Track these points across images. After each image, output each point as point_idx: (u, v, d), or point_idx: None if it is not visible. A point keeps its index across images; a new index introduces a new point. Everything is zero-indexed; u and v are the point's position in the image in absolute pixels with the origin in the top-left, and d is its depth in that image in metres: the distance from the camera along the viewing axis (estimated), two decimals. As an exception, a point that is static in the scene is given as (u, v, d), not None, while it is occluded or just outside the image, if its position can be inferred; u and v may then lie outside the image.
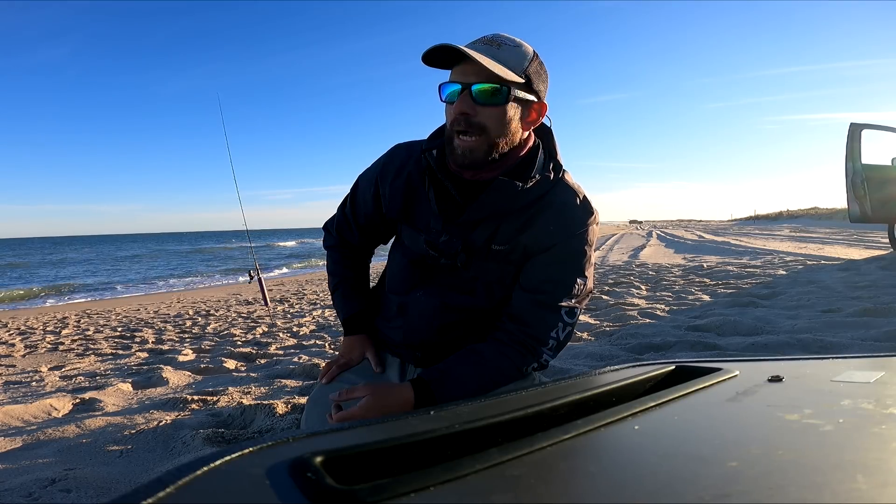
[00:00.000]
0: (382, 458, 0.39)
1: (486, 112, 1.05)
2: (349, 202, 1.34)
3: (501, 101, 1.04)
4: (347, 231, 1.36)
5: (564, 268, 1.13)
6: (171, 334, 4.84)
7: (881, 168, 6.89)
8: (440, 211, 1.15)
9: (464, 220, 1.13)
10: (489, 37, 1.07)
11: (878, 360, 0.75)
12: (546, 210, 1.13)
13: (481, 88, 1.03)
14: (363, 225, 1.33)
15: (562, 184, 1.15)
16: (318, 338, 4.07)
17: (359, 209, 1.32)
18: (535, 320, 1.12)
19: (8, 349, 4.53)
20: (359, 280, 1.39)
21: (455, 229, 1.15)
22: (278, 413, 2.05)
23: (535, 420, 0.48)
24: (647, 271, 7.17)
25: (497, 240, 1.14)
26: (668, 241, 17.12)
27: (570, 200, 1.14)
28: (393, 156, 1.25)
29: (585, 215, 1.15)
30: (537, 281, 1.14)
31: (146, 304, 8.45)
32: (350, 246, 1.39)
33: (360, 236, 1.35)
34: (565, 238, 1.13)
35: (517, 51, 1.06)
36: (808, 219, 32.89)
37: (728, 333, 2.99)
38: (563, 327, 1.14)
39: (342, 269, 1.38)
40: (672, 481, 0.35)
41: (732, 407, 0.53)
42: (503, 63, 1.03)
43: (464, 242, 1.15)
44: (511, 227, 1.13)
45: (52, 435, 1.96)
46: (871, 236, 11.94)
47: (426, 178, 1.17)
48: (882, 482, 0.33)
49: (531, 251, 1.14)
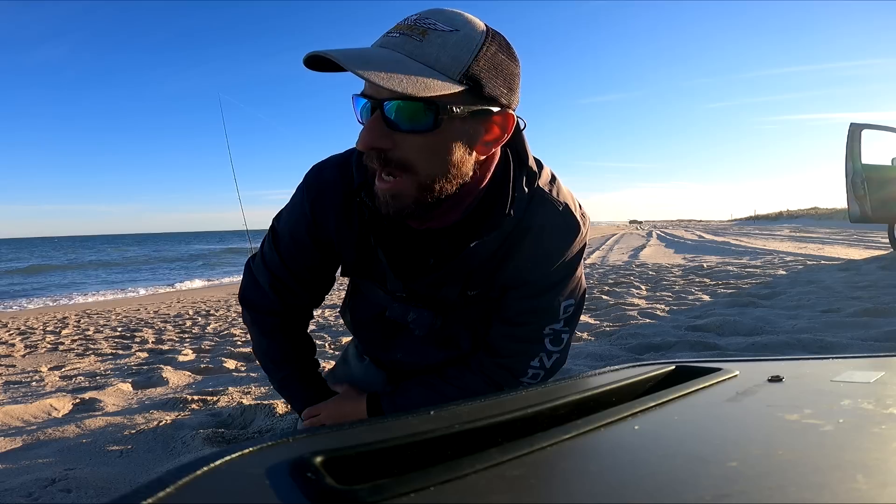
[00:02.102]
0: (382, 458, 0.39)
1: (409, 142, 0.73)
2: (278, 258, 1.02)
3: (429, 127, 0.71)
4: (289, 294, 1.04)
5: (548, 297, 0.96)
6: (171, 334, 4.84)
7: (881, 168, 6.88)
8: (396, 273, 0.93)
9: (430, 281, 0.94)
10: (414, 19, 0.73)
11: (878, 360, 0.75)
12: (521, 241, 0.91)
13: (398, 108, 0.70)
14: (308, 280, 1.04)
15: (536, 200, 0.90)
16: (318, 338, 4.06)
17: (295, 264, 1.01)
18: (512, 352, 1.00)
19: (8, 349, 4.52)
20: (312, 365, 1.15)
21: (422, 287, 0.96)
22: (278, 413, 2.05)
23: (535, 420, 0.48)
24: (647, 271, 7.17)
25: (471, 286, 0.96)
26: (668, 241, 17.11)
27: (548, 221, 0.91)
28: (321, 188, 0.94)
29: (570, 235, 0.93)
30: (514, 312, 0.98)
31: (146, 304, 8.45)
32: (294, 311, 1.09)
33: (309, 294, 1.07)
34: (547, 270, 0.93)
35: (453, 38, 0.71)
36: (808, 219, 32.89)
37: (728, 333, 2.99)
38: (547, 356, 1.00)
39: (292, 355, 1.11)
40: (672, 481, 0.35)
41: (732, 407, 0.53)
42: (429, 65, 0.69)
43: (435, 306, 0.98)
44: (484, 271, 0.94)
45: (52, 435, 1.96)
46: (871, 236, 11.94)
47: (370, 233, 0.91)
48: (882, 482, 0.33)
49: (508, 286, 0.97)
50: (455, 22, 0.73)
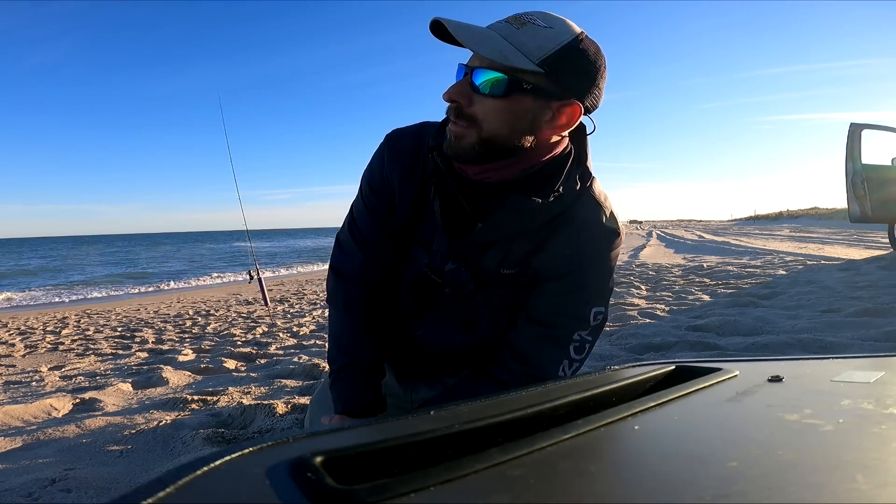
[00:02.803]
0: (382, 458, 0.39)
1: (482, 103, 0.87)
2: (363, 205, 1.07)
3: (501, 93, 0.85)
4: (375, 248, 1.07)
5: (579, 298, 0.97)
6: (171, 334, 4.84)
7: (881, 168, 6.88)
8: (446, 227, 0.98)
9: (472, 240, 0.97)
10: (522, 13, 0.88)
11: (878, 360, 0.75)
12: (562, 229, 0.96)
13: (481, 74, 0.86)
14: (386, 226, 1.06)
15: (586, 196, 0.97)
16: (318, 338, 4.06)
17: (377, 212, 1.06)
18: (542, 358, 0.98)
19: (8, 349, 4.52)
20: (373, 367, 1.08)
21: (462, 250, 0.99)
22: (278, 413, 2.05)
23: (535, 420, 0.48)
24: (647, 271, 7.17)
25: (507, 263, 0.98)
26: (668, 241, 17.11)
27: (592, 218, 0.96)
28: (399, 146, 1.04)
29: (609, 236, 0.97)
30: (546, 312, 0.98)
31: (146, 304, 8.45)
32: (377, 283, 1.08)
33: (392, 243, 1.07)
34: (583, 265, 0.96)
35: (543, 33, 0.84)
36: (808, 219, 32.89)
37: (728, 333, 2.99)
38: (568, 364, 0.99)
39: (358, 346, 1.07)
40: (672, 481, 0.35)
41: (732, 407, 0.53)
42: (517, 46, 0.83)
43: (473, 269, 1.00)
44: (522, 249, 0.97)
45: (52, 435, 1.96)
46: (871, 236, 11.94)
47: (431, 185, 0.98)
48: (882, 482, 0.33)
49: (541, 276, 0.98)
50: (553, 22, 0.86)
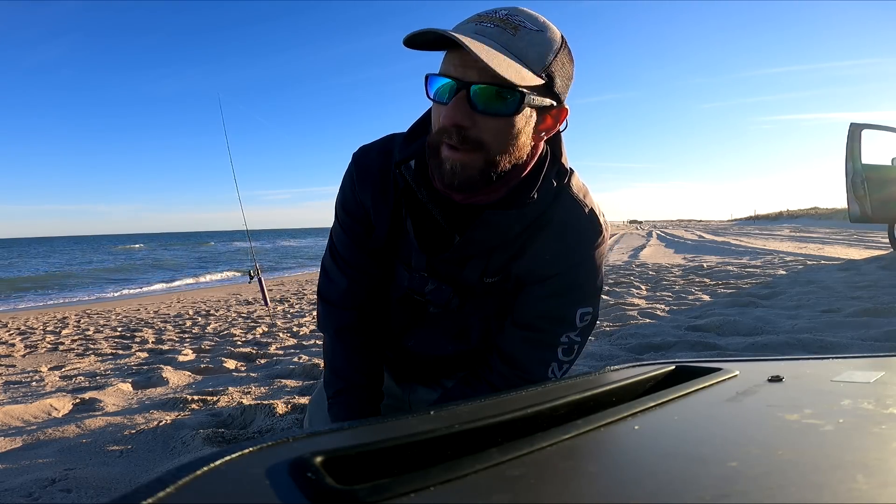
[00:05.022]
0: (382, 458, 0.39)
1: (487, 124, 0.78)
2: (341, 230, 1.04)
3: (510, 112, 0.77)
4: (358, 271, 1.04)
5: (564, 301, 0.95)
6: (171, 334, 4.84)
7: (881, 168, 6.88)
8: (421, 245, 0.94)
9: (450, 256, 0.93)
10: (503, 14, 0.78)
11: (878, 360, 0.75)
12: (540, 233, 0.92)
13: (484, 92, 0.76)
14: (365, 248, 1.04)
15: (563, 195, 0.92)
16: (318, 338, 4.06)
17: (353, 234, 1.03)
18: (530, 361, 0.98)
19: (8, 349, 4.52)
20: (370, 391, 1.07)
21: (441, 266, 0.96)
22: (278, 413, 2.05)
23: (535, 420, 0.48)
24: (647, 271, 7.17)
25: (489, 272, 0.95)
26: (668, 241, 17.11)
27: (571, 219, 0.92)
28: (366, 164, 0.99)
29: (591, 236, 0.93)
30: (532, 316, 0.96)
31: (146, 304, 8.45)
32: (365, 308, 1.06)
33: (375, 264, 1.04)
34: (564, 268, 0.93)
35: (540, 38, 0.78)
36: (808, 219, 32.89)
37: (728, 333, 2.99)
38: (558, 366, 0.98)
39: (350, 370, 1.06)
40: (672, 481, 0.35)
41: (732, 407, 0.53)
42: (520, 57, 0.76)
43: (455, 284, 0.97)
44: (502, 257, 0.94)
45: (52, 435, 1.96)
46: (871, 236, 11.94)
47: (402, 203, 0.93)
48: (882, 482, 0.33)
49: (525, 281, 0.96)
50: (538, 23, 0.80)
